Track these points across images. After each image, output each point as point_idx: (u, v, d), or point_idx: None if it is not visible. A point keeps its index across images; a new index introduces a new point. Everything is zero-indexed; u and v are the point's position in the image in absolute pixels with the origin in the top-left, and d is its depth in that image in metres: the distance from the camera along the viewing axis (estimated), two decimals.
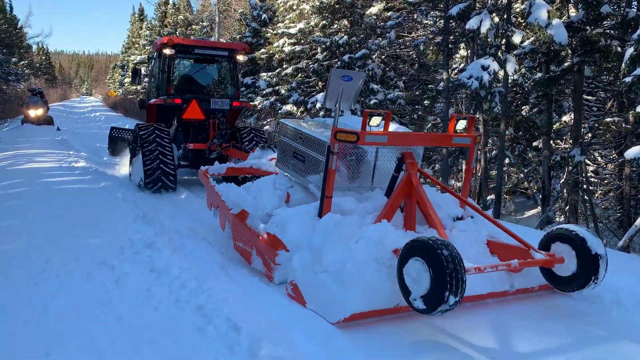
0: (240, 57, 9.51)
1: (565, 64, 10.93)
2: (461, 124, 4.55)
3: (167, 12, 42.55)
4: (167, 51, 8.90)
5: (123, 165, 10.36)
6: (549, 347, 3.35)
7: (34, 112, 20.67)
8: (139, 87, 9.78)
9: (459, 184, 15.97)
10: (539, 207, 14.28)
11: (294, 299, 3.93)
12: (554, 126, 12.93)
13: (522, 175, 14.67)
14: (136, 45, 51.53)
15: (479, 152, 13.86)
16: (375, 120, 4.18)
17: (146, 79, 10.74)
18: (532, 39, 11.38)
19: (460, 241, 4.10)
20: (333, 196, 4.26)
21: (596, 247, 3.83)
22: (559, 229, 4.06)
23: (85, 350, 3.03)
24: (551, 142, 12.62)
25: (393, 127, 4.66)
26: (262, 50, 20.34)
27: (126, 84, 48.41)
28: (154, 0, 45.81)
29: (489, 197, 13.70)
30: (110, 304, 3.64)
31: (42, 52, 68.18)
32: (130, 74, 12.70)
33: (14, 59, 37.83)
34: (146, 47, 42.04)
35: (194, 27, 33.58)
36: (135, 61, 34.65)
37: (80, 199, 7.10)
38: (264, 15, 23.16)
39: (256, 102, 20.13)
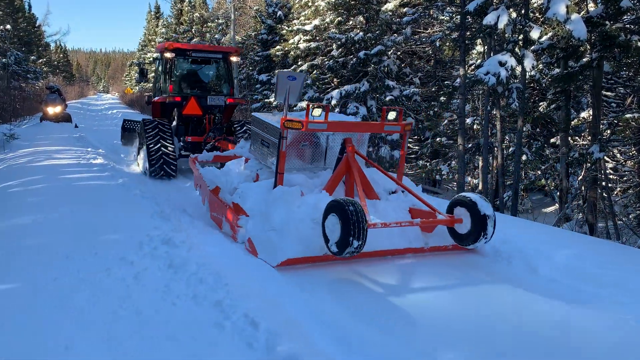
0: (234, 59, 10.71)
1: (584, 60, 10.79)
2: (392, 115, 5.48)
3: (183, 9, 42.72)
4: (168, 54, 10.04)
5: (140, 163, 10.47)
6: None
7: (53, 110, 20.89)
8: (149, 86, 11.24)
9: (475, 181, 15.87)
10: (557, 205, 14.13)
11: (249, 252, 4.88)
12: (572, 122, 12.77)
13: (539, 172, 14.52)
14: (152, 43, 51.85)
15: (495, 149, 13.75)
16: (317, 111, 5.09)
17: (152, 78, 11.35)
18: (550, 34, 11.25)
19: (389, 207, 5.17)
20: (290, 174, 5.35)
21: (485, 209, 4.73)
22: (459, 196, 5.03)
23: (104, 344, 3.06)
24: (569, 138, 12.48)
25: (336, 117, 5.80)
26: (278, 47, 20.34)
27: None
28: None
29: (505, 194, 13.59)
30: (129, 299, 3.67)
31: (60, 50, 68.90)
32: (138, 73, 14.07)
33: (32, 57, 38.29)
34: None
35: (209, 24, 33.70)
36: (141, 61, 35.23)
37: (99, 196, 7.17)
38: (279, 12, 23.19)
39: (271, 99, 20.15)
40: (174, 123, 10.41)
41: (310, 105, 5.06)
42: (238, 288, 3.85)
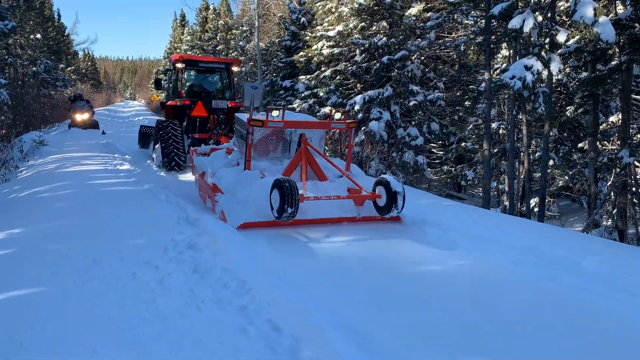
0: (234, 69, 12.69)
1: (613, 63, 10.59)
2: (337, 115, 7.01)
3: (208, 17, 43.22)
4: (179, 65, 11.85)
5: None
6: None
7: (81, 117, 21.28)
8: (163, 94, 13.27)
9: (501, 186, 15.67)
10: (585, 211, 13.87)
11: (222, 220, 6.33)
12: (601, 127, 12.54)
13: (567, 178, 14.28)
14: (178, 50, 52.53)
15: (521, 153, 13.56)
16: (275, 113, 6.61)
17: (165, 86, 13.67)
18: (577, 37, 11.08)
19: (331, 187, 6.71)
20: (259, 161, 6.97)
21: (396, 187, 6.13)
22: (379, 177, 6.44)
23: (131, 348, 3.08)
24: (597, 143, 12.24)
25: (297, 116, 7.61)
26: (301, 53, 20.43)
27: None
28: (195, 6, 46.59)
29: (532, 200, 13.38)
30: (154, 303, 3.70)
31: (88, 58, 70.28)
32: (154, 83, 15.82)
33: (61, 65, 39.14)
34: (187, 52, 42.81)
35: (233, 31, 34.01)
36: (158, 70, 36.19)
37: (125, 201, 7.27)
38: (303, 19, 23.29)
39: (295, 105, 20.23)
40: (184, 123, 11.96)
41: (269, 108, 6.56)
42: (262, 294, 3.86)
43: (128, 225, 5.84)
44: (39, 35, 31.04)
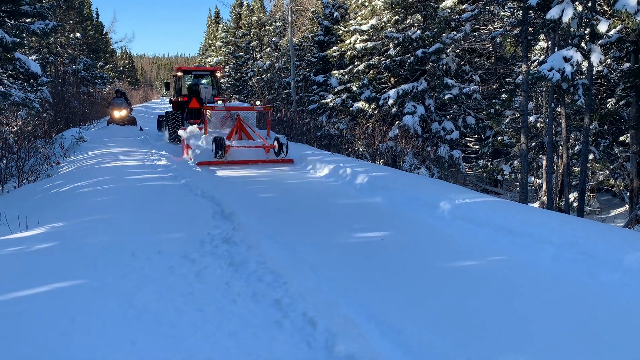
0: (218, 74, 17.54)
1: None
2: (258, 102, 11.93)
3: (242, 13, 43.51)
4: (179, 73, 17.13)
5: (199, 166, 10.80)
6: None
7: (119, 113, 21.72)
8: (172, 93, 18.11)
9: (539, 181, 15.35)
10: (627, 206, 13.48)
11: (197, 165, 10.65)
12: None
13: (607, 172, 13.88)
14: (212, 47, 53.06)
15: (560, 147, 13.25)
16: (220, 102, 12.00)
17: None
18: (619, 27, 10.75)
19: (253, 143, 11.32)
20: (216, 132, 11.85)
21: (282, 140, 10.83)
22: (275, 136, 11.12)
23: (169, 339, 3.14)
24: None
25: (235, 104, 12.87)
26: (334, 48, 20.37)
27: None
28: (229, 3, 46.93)
29: (571, 195, 13.07)
30: (191, 296, 3.76)
31: (125, 56, 71.70)
32: (164, 85, 20.61)
33: (100, 64, 40.01)
34: (222, 49, 43.18)
35: (267, 27, 34.15)
36: (168, 78, 38.24)
37: (162, 195, 7.40)
38: (336, 13, 23.23)
39: (328, 100, 20.20)
40: (184, 113, 16.29)
41: (217, 98, 12.61)
42: (296, 287, 3.88)
43: (165, 219, 5.95)
44: (78, 34, 31.79)
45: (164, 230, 5.43)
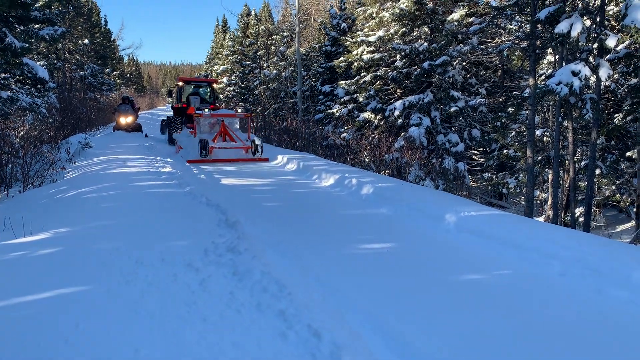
0: (215, 85, 20.10)
1: None
2: (240, 109, 18.75)
3: (249, 22, 43.67)
4: (180, 83, 19.38)
5: (205, 172, 10.80)
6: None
7: (124, 120, 21.80)
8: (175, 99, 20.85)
9: (544, 195, 15.29)
10: (633, 222, 13.40)
11: (182, 158, 13.34)
12: None
13: (614, 187, 13.81)
14: (219, 56, 53.26)
15: (566, 162, 13.20)
16: (207, 111, 14.83)
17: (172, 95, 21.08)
18: (627, 42, 10.73)
19: (234, 145, 13.53)
20: (204, 135, 13.86)
21: (257, 142, 13.22)
22: (252, 138, 13.62)
23: (172, 348, 3.11)
24: None
25: (222, 112, 15.15)
26: (341, 58, 20.41)
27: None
28: (237, 12, 47.16)
29: (577, 210, 13.00)
30: (195, 305, 3.73)
31: (132, 63, 72.07)
32: (167, 93, 23.03)
33: (107, 70, 40.22)
34: (229, 57, 43.33)
35: (274, 37, 34.29)
36: (174, 86, 39.21)
37: (167, 203, 7.38)
38: (343, 24, 23.29)
39: (334, 110, 20.22)
40: (184, 118, 17.86)
41: (205, 109, 15.45)
42: (301, 298, 3.84)
43: (169, 227, 5.92)
44: (86, 41, 31.99)
45: (168, 237, 5.41)
